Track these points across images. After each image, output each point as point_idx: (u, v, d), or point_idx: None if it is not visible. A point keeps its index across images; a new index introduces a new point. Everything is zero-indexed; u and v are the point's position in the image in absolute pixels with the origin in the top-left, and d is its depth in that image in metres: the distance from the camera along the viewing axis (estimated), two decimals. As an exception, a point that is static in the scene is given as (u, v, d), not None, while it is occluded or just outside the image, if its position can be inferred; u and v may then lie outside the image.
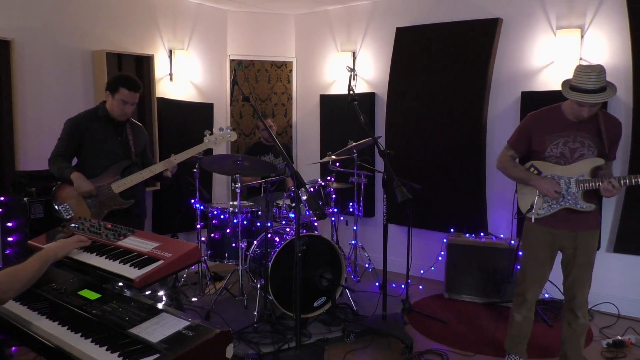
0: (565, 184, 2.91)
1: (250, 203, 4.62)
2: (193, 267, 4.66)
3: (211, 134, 3.65)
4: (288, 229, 4.20)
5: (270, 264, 3.75)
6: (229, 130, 3.69)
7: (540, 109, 3.06)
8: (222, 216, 4.35)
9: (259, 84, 6.09)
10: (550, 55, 4.40)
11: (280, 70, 6.14)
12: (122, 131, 3.48)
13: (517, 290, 3.14)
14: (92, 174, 3.34)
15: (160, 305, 1.89)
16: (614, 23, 4.10)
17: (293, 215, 4.16)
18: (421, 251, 5.06)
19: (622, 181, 2.74)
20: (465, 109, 4.77)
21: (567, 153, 2.91)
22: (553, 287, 4.30)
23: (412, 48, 5.09)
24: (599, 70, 2.72)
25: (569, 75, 4.21)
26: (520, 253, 3.15)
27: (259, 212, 4.43)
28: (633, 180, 2.72)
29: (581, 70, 2.77)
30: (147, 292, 2.17)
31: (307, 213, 4.14)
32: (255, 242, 4.20)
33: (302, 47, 6.09)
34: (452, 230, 4.75)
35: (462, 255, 4.50)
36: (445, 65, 4.86)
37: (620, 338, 3.57)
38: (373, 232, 5.46)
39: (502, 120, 4.70)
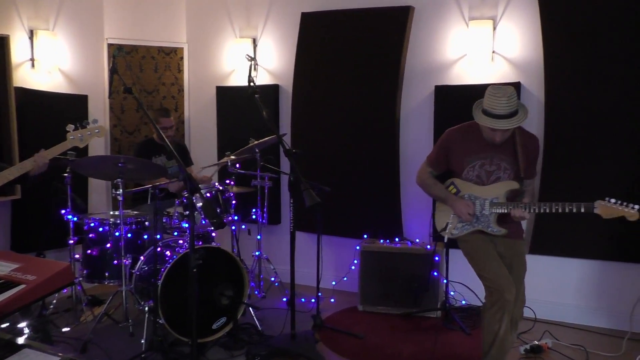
0: (480, 205, 3.22)
1: (136, 212, 4.47)
2: (65, 290, 4.45)
3: (76, 128, 3.36)
4: (181, 241, 4.11)
5: (160, 282, 3.67)
6: (95, 124, 3.40)
7: (458, 125, 3.33)
8: (100, 229, 4.17)
9: (144, 73, 5.87)
10: (463, 48, 4.66)
11: (169, 58, 5.96)
12: None
13: (491, 299, 3.12)
14: None
15: (21, 340, 1.75)
16: (525, 15, 4.43)
17: (187, 225, 4.07)
18: (332, 260, 5.15)
19: (531, 208, 3.07)
20: (378, 103, 4.92)
21: (484, 176, 3.22)
22: (469, 293, 4.56)
23: (319, 36, 5.17)
24: (509, 94, 2.99)
25: (482, 69, 4.58)
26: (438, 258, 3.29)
27: (146, 223, 4.29)
28: (542, 209, 3.04)
29: (492, 93, 3.03)
30: (5, 325, 2.01)
31: (203, 222, 4.10)
32: (141, 257, 4.07)
33: (194, 32, 5.96)
34: (365, 236, 4.88)
35: (376, 263, 4.62)
36: (355, 55, 4.98)
37: (537, 343, 3.85)
38: (279, 241, 5.46)
39: (415, 115, 4.91)
